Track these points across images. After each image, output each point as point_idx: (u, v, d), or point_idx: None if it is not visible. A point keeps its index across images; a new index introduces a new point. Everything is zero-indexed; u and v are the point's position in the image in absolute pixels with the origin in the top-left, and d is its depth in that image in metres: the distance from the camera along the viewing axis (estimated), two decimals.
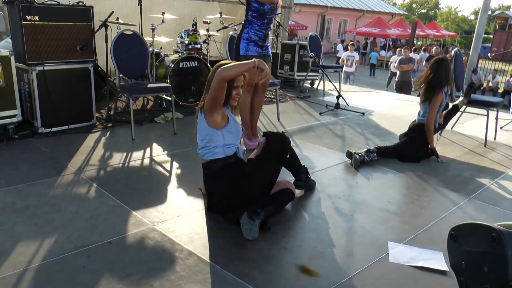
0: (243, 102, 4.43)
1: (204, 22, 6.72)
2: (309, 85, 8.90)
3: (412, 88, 12.32)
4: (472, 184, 3.94)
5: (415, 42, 28.36)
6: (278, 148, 3.07)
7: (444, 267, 2.49)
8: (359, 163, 4.15)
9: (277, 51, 8.52)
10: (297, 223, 2.96)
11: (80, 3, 4.73)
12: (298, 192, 3.41)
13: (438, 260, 2.56)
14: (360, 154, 4.21)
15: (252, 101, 4.51)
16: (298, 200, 3.23)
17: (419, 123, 4.68)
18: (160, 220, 2.87)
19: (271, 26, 4.41)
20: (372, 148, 4.38)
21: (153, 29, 5.77)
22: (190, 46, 6.22)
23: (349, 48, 13.34)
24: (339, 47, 21.95)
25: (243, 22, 4.34)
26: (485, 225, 2.06)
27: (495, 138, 5.53)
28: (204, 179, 2.98)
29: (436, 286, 2.37)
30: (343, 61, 12.89)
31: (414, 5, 58.41)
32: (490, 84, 15.83)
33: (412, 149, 4.53)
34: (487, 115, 5.25)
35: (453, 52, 5.88)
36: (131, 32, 5.03)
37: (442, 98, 4.54)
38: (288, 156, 3.21)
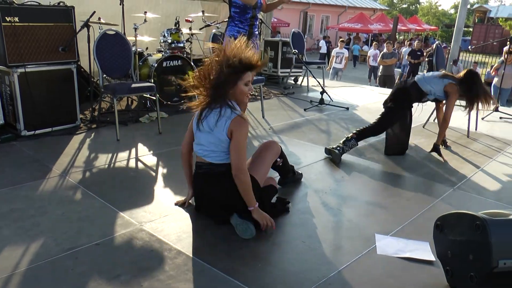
0: None
1: (187, 20, 6.70)
2: (293, 82, 8.93)
3: (396, 81, 12.44)
4: (456, 175, 3.99)
5: (397, 36, 28.59)
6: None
7: (431, 257, 2.52)
8: (340, 157, 4.13)
9: (260, 49, 8.52)
10: (285, 218, 2.96)
11: (61, 3, 4.67)
12: (285, 188, 3.42)
13: (425, 251, 2.59)
14: (338, 148, 4.15)
15: None
16: (285, 196, 3.24)
17: (407, 86, 4.46)
18: (148, 220, 2.85)
19: (257, 22, 4.37)
20: (349, 135, 4.28)
21: (135, 29, 5.74)
22: (173, 45, 6.19)
23: (338, 44, 13.42)
24: (322, 43, 22.04)
25: (227, 19, 4.34)
26: (469, 213, 2.09)
27: (476, 129, 5.60)
28: (197, 179, 2.88)
29: (423, 276, 2.39)
30: (333, 58, 12.96)
31: (395, 0, 58.82)
32: None
33: (392, 121, 4.36)
34: None
35: (434, 45, 5.95)
36: (113, 32, 4.99)
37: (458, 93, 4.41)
38: (279, 164, 3.25)
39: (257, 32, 4.45)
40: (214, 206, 2.83)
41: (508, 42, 7.48)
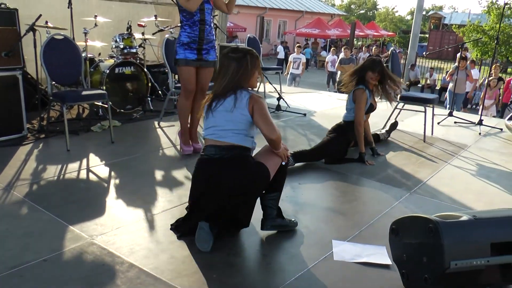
0: (183, 106, 4.41)
1: (139, 25, 6.65)
2: None
3: None
4: (412, 179, 4.12)
5: (355, 42, 29.27)
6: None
7: (388, 261, 2.60)
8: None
9: (216, 54, 8.50)
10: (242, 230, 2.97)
11: (3, 5, 4.53)
12: None
13: (382, 255, 2.66)
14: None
15: (191, 106, 4.48)
16: None
17: (343, 122, 4.72)
18: (99, 233, 2.80)
19: (209, 27, 4.28)
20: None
21: (85, 33, 5.64)
22: (125, 51, 6.12)
23: (296, 50, 13.62)
24: (279, 48, 22.28)
25: (179, 25, 4.31)
26: (423, 217, 2.17)
27: (432, 134, 5.81)
28: (206, 164, 2.73)
29: (379, 280, 2.46)
30: (291, 64, 13.14)
31: (352, 6, 60.29)
32: (428, 81, 16.62)
33: (332, 150, 4.48)
34: (425, 112, 5.51)
35: (389, 51, 6.14)
36: (61, 37, 4.88)
37: (366, 96, 4.58)
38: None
39: (212, 38, 4.38)
40: (219, 197, 2.68)
41: (460, 49, 7.81)
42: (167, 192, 3.52)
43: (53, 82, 4.99)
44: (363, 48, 21.86)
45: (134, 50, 6.22)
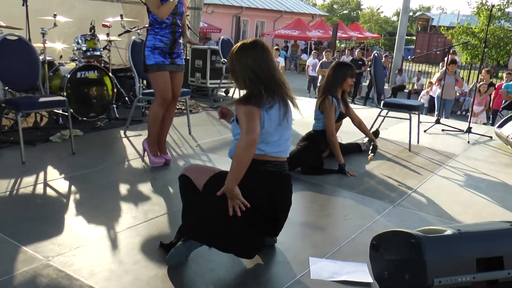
0: (154, 115, 4.39)
1: (104, 25, 6.61)
2: (223, 94, 9.01)
3: None
4: (396, 191, 4.18)
5: (338, 44, 29.61)
6: None
7: (369, 279, 2.62)
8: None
9: (187, 57, 8.54)
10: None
11: None
12: None
13: (362, 272, 2.69)
14: None
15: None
16: None
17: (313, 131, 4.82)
18: (56, 253, 2.76)
19: (179, 29, 4.35)
20: None
21: (43, 34, 5.58)
22: (88, 53, 6.09)
23: (273, 53, 13.70)
24: None
25: (147, 26, 4.31)
26: (404, 231, 2.21)
27: (418, 142, 5.90)
28: (275, 180, 2.72)
29: None
30: None
31: (335, 6, 61.08)
32: (416, 86, 16.83)
33: (304, 159, 4.52)
34: (410, 119, 5.61)
35: (372, 55, 6.25)
36: (15, 37, 4.82)
37: (334, 106, 4.63)
38: None
39: (181, 41, 4.45)
40: (277, 216, 2.80)
41: (447, 52, 7.97)
42: (132, 207, 3.49)
43: (7, 88, 4.92)
44: (346, 51, 22.14)
45: (98, 53, 6.19)
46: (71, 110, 5.01)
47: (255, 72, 2.61)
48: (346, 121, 5.09)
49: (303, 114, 7.84)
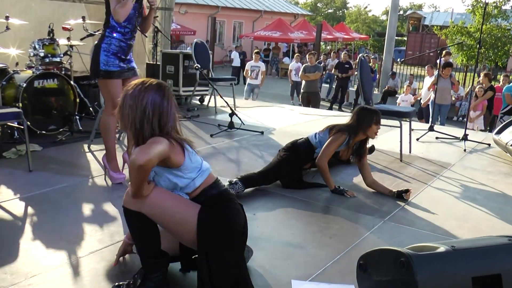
0: (106, 126, 4.42)
1: (64, 29, 6.57)
2: (198, 102, 9.00)
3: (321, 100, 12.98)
4: (386, 205, 4.21)
5: (322, 46, 29.87)
6: None
7: None
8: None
9: (158, 63, 8.52)
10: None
11: None
12: None
13: None
14: None
15: None
16: None
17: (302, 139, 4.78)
18: (9, 284, 2.71)
19: (135, 34, 4.41)
20: (234, 179, 4.28)
21: None
22: (47, 60, 6.05)
23: (254, 57, 13.79)
24: (234, 54, 22.46)
25: (103, 28, 4.31)
26: (393, 250, 2.22)
27: (410, 151, 5.97)
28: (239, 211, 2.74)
29: None
30: (247, 73, 13.30)
31: (319, 5, 61.66)
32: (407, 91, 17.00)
33: (284, 171, 4.52)
34: (400, 127, 5.65)
35: (358, 58, 6.31)
36: None
37: (342, 143, 4.51)
38: None
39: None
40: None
41: (439, 54, 8.07)
42: (96, 229, 3.46)
43: None
44: (332, 53, 22.32)
45: (57, 59, 6.15)
46: (28, 123, 4.96)
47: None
48: None
49: (285, 122, 7.93)
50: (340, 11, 62.17)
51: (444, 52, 12.75)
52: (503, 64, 26.07)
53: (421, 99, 12.53)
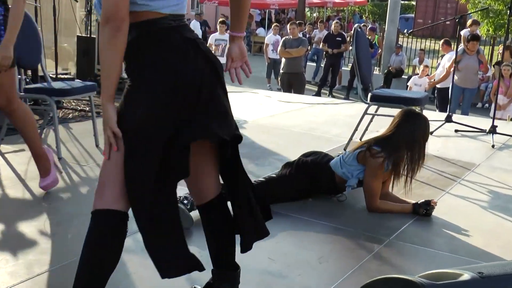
0: (25, 116, 4.35)
1: None
2: None
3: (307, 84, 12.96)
4: (393, 219, 4.19)
5: (307, 14, 29.93)
6: None
7: None
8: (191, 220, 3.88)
9: (93, 36, 8.38)
10: None
11: None
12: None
13: None
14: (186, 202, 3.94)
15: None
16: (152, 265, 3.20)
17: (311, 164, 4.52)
18: None
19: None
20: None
21: None
22: None
23: (218, 28, 13.72)
24: (194, 24, 22.39)
25: None
26: (402, 278, 2.20)
27: None
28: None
29: None
30: (211, 47, 13.22)
31: None
32: (417, 70, 17.00)
33: (275, 190, 4.35)
34: None
35: (353, 29, 6.30)
36: None
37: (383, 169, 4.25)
38: None
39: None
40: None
41: (458, 23, 8.04)
42: (8, 259, 3.38)
43: None
44: (319, 23, 22.36)
45: None
46: None
47: None
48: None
49: (259, 114, 7.91)
50: None
51: (470, 21, 12.75)
52: None
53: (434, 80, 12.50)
